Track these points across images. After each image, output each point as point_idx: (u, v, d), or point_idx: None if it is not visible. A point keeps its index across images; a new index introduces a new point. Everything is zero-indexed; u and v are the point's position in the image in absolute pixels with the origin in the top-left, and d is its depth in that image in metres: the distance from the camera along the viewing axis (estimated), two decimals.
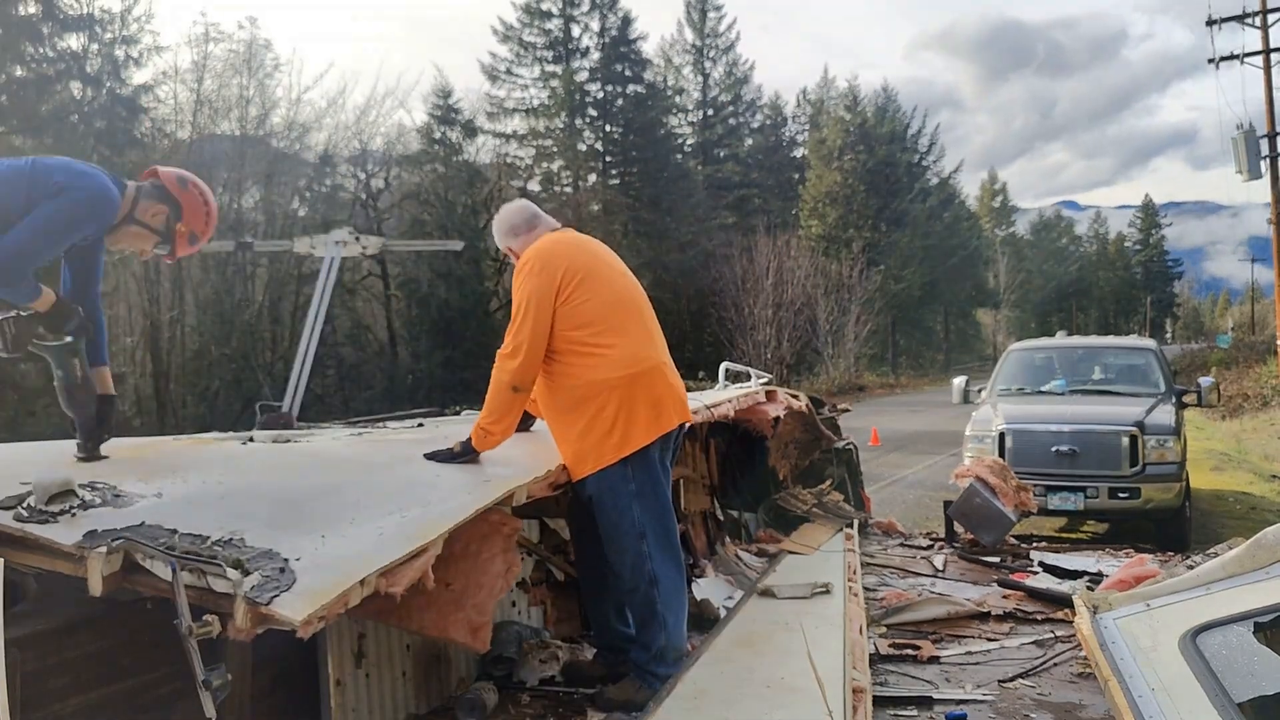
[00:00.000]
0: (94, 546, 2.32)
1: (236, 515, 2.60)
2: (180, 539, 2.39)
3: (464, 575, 2.91)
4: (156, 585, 2.31)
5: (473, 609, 2.91)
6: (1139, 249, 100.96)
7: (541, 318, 3.29)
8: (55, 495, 2.55)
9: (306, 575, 2.28)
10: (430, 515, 2.76)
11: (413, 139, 32.88)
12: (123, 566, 2.34)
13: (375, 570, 2.38)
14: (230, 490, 2.96)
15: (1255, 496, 11.69)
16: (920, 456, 16.04)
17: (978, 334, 72.42)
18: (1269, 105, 24.39)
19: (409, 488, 3.07)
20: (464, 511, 2.81)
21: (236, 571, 2.22)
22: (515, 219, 3.68)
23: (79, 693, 2.55)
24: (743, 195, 47.56)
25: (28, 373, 14.91)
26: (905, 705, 3.55)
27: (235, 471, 3.24)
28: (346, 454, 3.72)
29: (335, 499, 2.92)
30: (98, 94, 16.23)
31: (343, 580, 2.29)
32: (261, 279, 26.79)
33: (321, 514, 2.74)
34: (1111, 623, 3.21)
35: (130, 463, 3.22)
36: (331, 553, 2.44)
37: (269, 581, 2.22)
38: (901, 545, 6.68)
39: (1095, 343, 11.65)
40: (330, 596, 2.22)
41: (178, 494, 2.85)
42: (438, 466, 3.35)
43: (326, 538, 2.53)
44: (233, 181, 27.02)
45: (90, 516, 2.52)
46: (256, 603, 2.15)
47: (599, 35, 41.26)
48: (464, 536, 2.83)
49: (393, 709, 3.32)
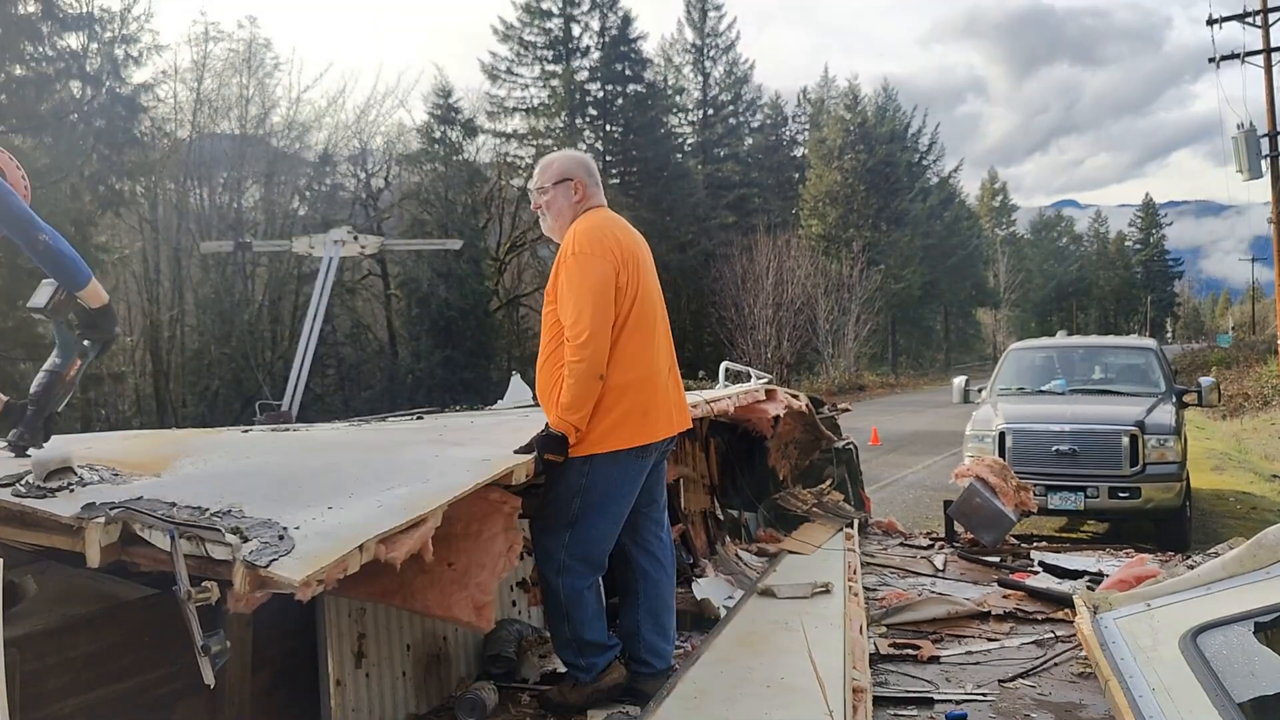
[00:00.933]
0: (92, 517, 2.32)
1: (235, 491, 2.61)
2: (179, 510, 2.39)
3: (466, 554, 2.92)
4: (155, 556, 2.31)
5: (476, 587, 2.91)
6: (1139, 248, 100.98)
7: (608, 301, 3.20)
8: (53, 472, 2.55)
9: (306, 542, 2.27)
10: (429, 490, 2.75)
11: (413, 138, 32.90)
12: (121, 538, 2.34)
13: (374, 536, 2.37)
14: (229, 470, 2.97)
15: (1256, 496, 11.69)
16: (920, 456, 16.03)
17: (978, 333, 72.44)
18: (1269, 105, 24.39)
19: (407, 466, 3.08)
20: (463, 486, 2.81)
21: (235, 537, 2.22)
22: (580, 171, 3.48)
23: (78, 693, 2.55)
24: (743, 195, 47.53)
25: (27, 372, 14.91)
26: (905, 705, 3.55)
27: (234, 454, 3.25)
28: (345, 439, 3.74)
29: (334, 476, 2.93)
30: (97, 93, 16.20)
31: (341, 546, 2.29)
32: (261, 278, 26.81)
33: (321, 489, 2.74)
34: (1112, 623, 3.21)
35: (128, 446, 3.23)
36: (331, 521, 2.44)
37: (268, 547, 2.22)
38: (901, 545, 6.68)
39: (1095, 342, 11.64)
40: (329, 560, 2.21)
41: (177, 472, 2.86)
42: (437, 448, 3.35)
43: (325, 511, 2.53)
44: (232, 181, 27.05)
45: (88, 492, 2.53)
46: (255, 565, 2.15)
47: (599, 34, 41.24)
48: (465, 515, 2.84)
49: (393, 709, 3.32)
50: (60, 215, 13.66)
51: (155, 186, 22.65)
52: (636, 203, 39.49)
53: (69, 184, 14.81)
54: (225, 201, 27.16)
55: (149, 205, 23.53)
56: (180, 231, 25.48)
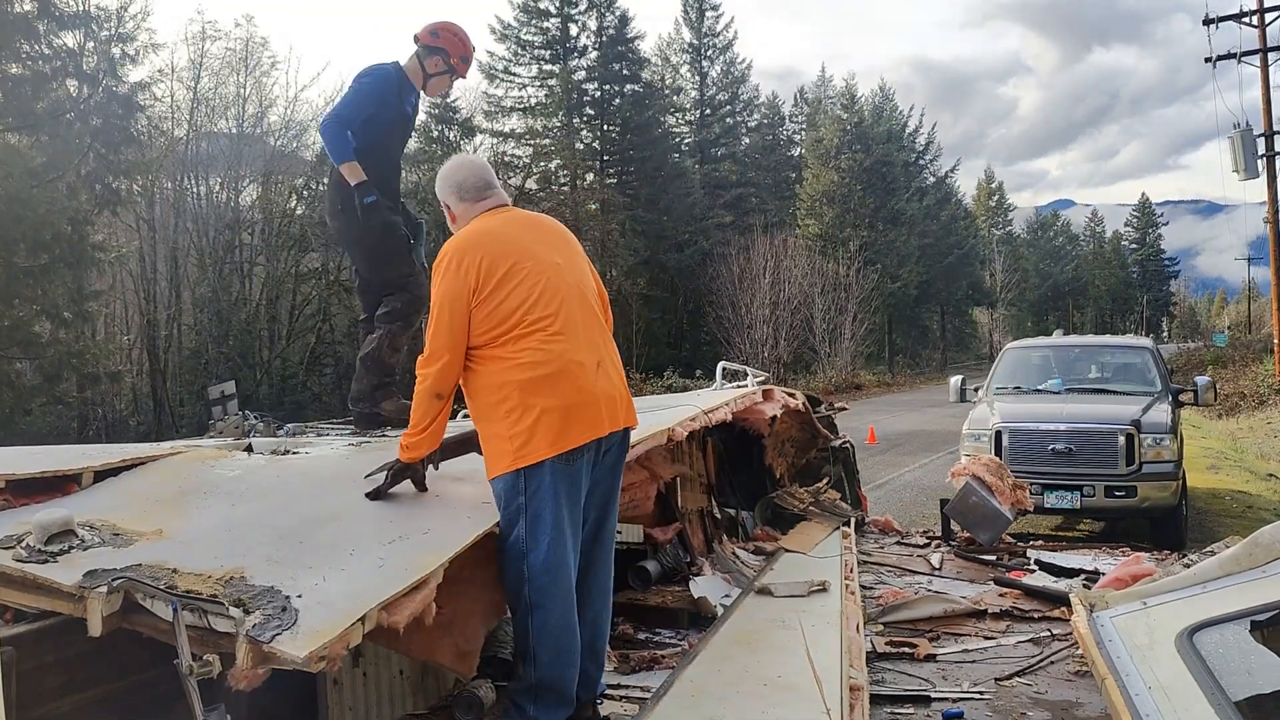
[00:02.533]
0: (94, 586, 2.30)
1: (237, 552, 2.59)
2: (181, 577, 2.37)
3: (456, 600, 2.86)
4: (157, 626, 2.31)
5: (461, 635, 2.87)
6: (1135, 248, 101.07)
7: (457, 321, 3.03)
8: (54, 535, 2.53)
9: (308, 613, 2.26)
10: (430, 543, 2.73)
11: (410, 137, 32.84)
12: (122, 607, 2.34)
13: (377, 605, 2.36)
14: (229, 523, 2.93)
15: (1251, 495, 11.70)
16: (917, 455, 16.04)
17: (974, 333, 72.50)
18: (1266, 104, 24.42)
19: (409, 512, 3.04)
20: (464, 538, 2.79)
21: (239, 610, 2.20)
22: (464, 178, 3.34)
23: (74, 691, 2.55)
24: (740, 194, 47.54)
25: (23, 371, 14.88)
26: (902, 703, 3.56)
27: (234, 499, 3.20)
28: (345, 472, 3.63)
29: (334, 528, 2.89)
30: (94, 91, 16.15)
31: (344, 618, 2.27)
32: (259, 277, 26.77)
33: (321, 545, 2.72)
34: (1108, 621, 3.21)
35: (128, 495, 3.19)
36: (333, 589, 2.42)
37: (270, 620, 2.21)
38: (898, 543, 6.69)
39: (1092, 341, 11.65)
40: (332, 635, 2.20)
41: (176, 529, 2.82)
42: (436, 485, 3.27)
43: (327, 574, 2.51)
44: (230, 180, 26.99)
45: (89, 556, 2.51)
46: (259, 641, 2.14)
47: (596, 34, 41.20)
48: (458, 560, 2.79)
49: (390, 708, 3.32)
50: (56, 214, 13.62)
51: (152, 185, 22.58)
52: (634, 202, 39.50)
53: (65, 183, 14.77)
54: (222, 200, 27.11)
55: (146, 204, 23.45)
56: (177, 230, 25.43)
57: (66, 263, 14.16)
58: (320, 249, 27.31)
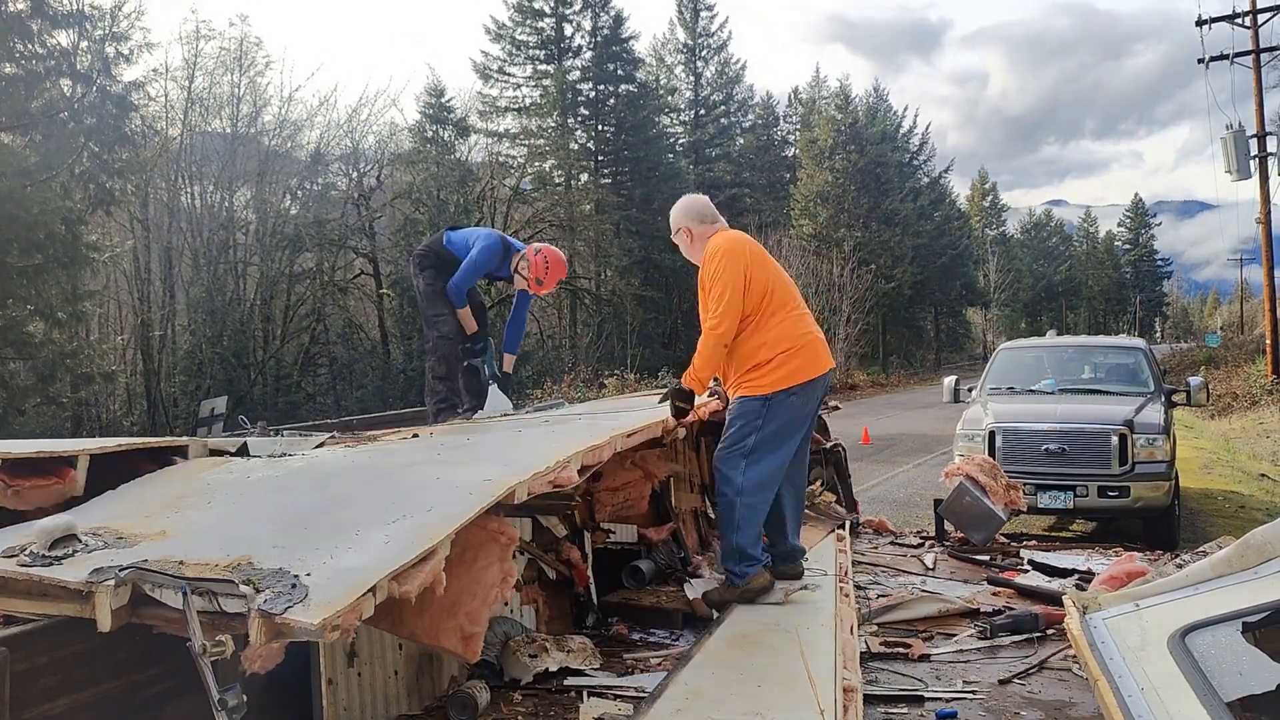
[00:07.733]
0: (101, 581, 2.29)
1: (243, 541, 2.59)
2: (189, 568, 2.37)
3: (458, 582, 2.87)
4: (167, 617, 2.30)
5: (465, 617, 2.87)
6: (1129, 248, 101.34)
7: (736, 297, 4.32)
8: (57, 540, 2.53)
9: (319, 588, 2.25)
10: (434, 519, 2.74)
11: (405, 138, 32.82)
12: (130, 600, 2.33)
13: (386, 574, 2.36)
14: (232, 518, 2.93)
15: (1244, 495, 11.75)
16: (910, 455, 16.08)
17: (968, 333, 72.63)
18: (1259, 105, 24.52)
19: (410, 493, 3.05)
20: (469, 511, 2.80)
21: (249, 588, 2.20)
22: (704, 210, 4.74)
23: (68, 692, 2.55)
24: (734, 194, 47.50)
25: (17, 372, 14.84)
26: (896, 703, 3.57)
27: (235, 499, 3.20)
28: (344, 466, 3.68)
29: (338, 512, 2.90)
30: (88, 91, 16.11)
31: (355, 589, 2.26)
32: (253, 277, 26.72)
33: (326, 528, 2.72)
34: (1100, 622, 3.22)
35: (128, 504, 3.18)
36: (341, 563, 2.42)
37: (281, 596, 2.20)
38: (892, 544, 6.70)
39: (1085, 342, 11.69)
40: (344, 604, 2.19)
41: (180, 529, 2.81)
42: (435, 470, 3.33)
43: (335, 553, 2.50)
44: (224, 179, 26.94)
45: (94, 558, 2.50)
46: (270, 614, 2.14)
47: (591, 34, 41.20)
48: (460, 542, 2.80)
49: (385, 707, 3.32)
50: (50, 214, 13.57)
51: (146, 185, 22.53)
52: (628, 202, 39.49)
53: (59, 182, 14.72)
54: (217, 200, 27.06)
55: (140, 204, 23.40)
56: (171, 230, 25.38)
57: (60, 263, 14.11)
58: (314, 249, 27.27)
